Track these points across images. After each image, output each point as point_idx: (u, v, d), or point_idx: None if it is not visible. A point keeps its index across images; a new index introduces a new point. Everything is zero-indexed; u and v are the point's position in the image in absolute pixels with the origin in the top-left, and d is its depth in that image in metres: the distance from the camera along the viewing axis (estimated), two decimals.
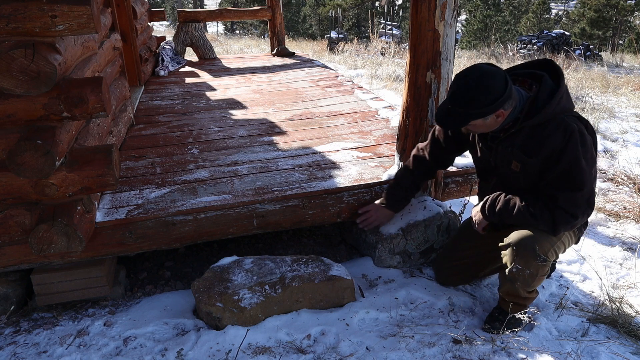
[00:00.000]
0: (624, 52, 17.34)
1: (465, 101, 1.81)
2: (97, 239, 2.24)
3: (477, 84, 1.79)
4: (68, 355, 1.96)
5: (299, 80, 5.18)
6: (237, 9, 7.12)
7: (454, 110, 1.85)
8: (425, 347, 1.95)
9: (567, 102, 1.88)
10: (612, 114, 5.30)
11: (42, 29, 1.77)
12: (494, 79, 1.79)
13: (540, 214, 1.88)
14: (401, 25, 21.07)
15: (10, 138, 1.89)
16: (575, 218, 1.86)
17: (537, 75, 1.93)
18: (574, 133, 1.81)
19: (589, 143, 1.86)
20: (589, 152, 1.85)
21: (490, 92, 1.78)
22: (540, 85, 1.88)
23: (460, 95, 1.82)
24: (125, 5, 4.70)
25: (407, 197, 2.47)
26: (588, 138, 1.85)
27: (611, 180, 3.64)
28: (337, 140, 3.26)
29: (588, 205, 1.86)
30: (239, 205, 2.40)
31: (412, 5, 2.32)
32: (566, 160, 1.81)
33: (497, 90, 1.78)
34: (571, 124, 1.83)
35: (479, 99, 1.79)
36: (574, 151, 1.80)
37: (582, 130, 1.84)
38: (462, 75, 1.83)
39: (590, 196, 1.86)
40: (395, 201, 2.47)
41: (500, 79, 1.80)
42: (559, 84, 1.87)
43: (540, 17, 29.47)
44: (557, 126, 1.83)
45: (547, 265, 1.92)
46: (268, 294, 2.10)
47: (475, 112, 1.81)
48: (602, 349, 1.94)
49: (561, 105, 1.85)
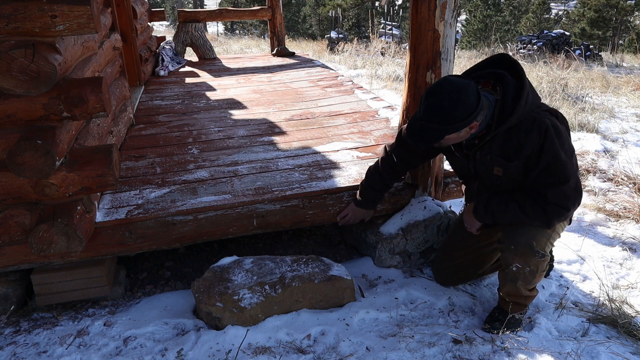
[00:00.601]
0: (624, 52, 17.35)
1: (440, 117, 1.79)
2: (97, 239, 2.24)
3: (451, 100, 1.76)
4: (68, 355, 1.96)
5: (299, 80, 5.18)
6: (237, 9, 7.12)
7: (428, 126, 1.82)
8: (425, 347, 1.95)
9: (534, 98, 1.88)
10: (612, 114, 5.30)
11: (42, 29, 1.77)
12: (467, 92, 1.77)
13: (532, 211, 1.89)
14: (401, 25, 21.07)
15: (10, 138, 1.89)
16: (568, 210, 1.87)
17: (497, 74, 1.91)
18: (548, 129, 1.81)
19: (564, 134, 1.86)
20: (566, 143, 1.85)
21: (465, 107, 1.76)
22: (504, 86, 1.86)
23: (434, 112, 1.79)
24: (125, 5, 4.69)
25: (379, 197, 2.46)
26: (562, 129, 1.85)
27: (611, 180, 3.63)
28: (337, 140, 3.26)
29: (577, 193, 1.87)
30: (239, 205, 2.40)
31: (412, 5, 2.32)
32: (546, 157, 1.82)
33: (471, 104, 1.77)
34: (544, 120, 1.82)
35: (453, 114, 1.77)
36: (551, 147, 1.81)
37: (555, 123, 1.84)
38: (434, 90, 1.81)
39: (577, 185, 1.87)
40: (368, 201, 2.46)
41: (473, 92, 1.78)
42: (522, 80, 1.86)
43: (540, 17, 29.47)
44: (530, 125, 1.83)
45: (546, 260, 1.94)
46: (268, 294, 2.10)
47: (449, 127, 1.80)
48: (602, 349, 1.94)
49: (529, 103, 1.84)
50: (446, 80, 1.82)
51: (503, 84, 1.87)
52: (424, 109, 1.83)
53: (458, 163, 2.16)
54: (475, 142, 1.98)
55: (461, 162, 2.12)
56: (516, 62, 1.91)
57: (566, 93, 6.11)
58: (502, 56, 1.96)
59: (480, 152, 1.97)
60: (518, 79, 1.87)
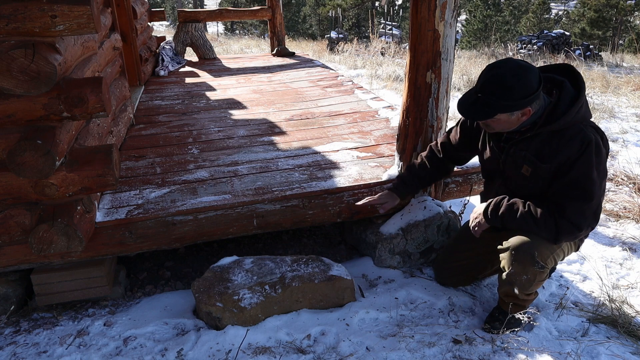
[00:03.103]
0: (624, 52, 17.34)
1: (499, 90, 1.75)
2: (97, 239, 2.24)
3: (514, 74, 1.73)
4: (68, 355, 1.96)
5: (299, 80, 5.18)
6: (237, 9, 7.12)
7: (483, 99, 1.78)
8: (425, 347, 1.95)
9: (586, 112, 1.85)
10: (612, 114, 5.30)
11: (42, 29, 1.77)
12: (530, 73, 1.75)
13: (543, 221, 1.85)
14: (401, 25, 21.07)
15: (10, 138, 1.89)
16: (580, 230, 1.83)
17: (557, 80, 1.89)
18: (590, 143, 1.78)
19: (603, 155, 1.83)
20: (602, 164, 1.83)
21: (526, 85, 1.74)
22: (562, 91, 1.84)
23: (494, 84, 1.76)
24: (125, 5, 4.70)
25: (416, 185, 2.41)
26: (603, 150, 1.83)
27: (611, 180, 3.64)
28: (337, 140, 3.26)
29: (594, 217, 1.84)
30: (239, 205, 2.40)
31: (412, 5, 2.32)
32: (579, 169, 1.79)
33: (532, 85, 1.75)
34: (589, 134, 1.80)
35: (514, 89, 1.73)
36: (588, 161, 1.78)
37: (598, 141, 1.81)
38: (495, 65, 1.78)
39: (597, 209, 1.84)
40: (405, 185, 2.40)
41: (536, 75, 1.76)
42: (579, 92, 1.84)
43: (540, 17, 29.46)
44: (574, 135, 1.80)
45: (545, 272, 1.91)
46: (268, 294, 2.10)
47: (507, 103, 1.75)
48: (602, 349, 1.94)
49: (580, 114, 1.82)
50: (510, 59, 1.79)
51: (561, 89, 1.85)
52: (484, 81, 1.78)
53: (490, 156, 2.10)
54: (516, 137, 1.95)
55: (493, 155, 2.07)
56: (579, 74, 1.90)
57: None
58: (566, 66, 1.94)
59: (516, 147, 1.95)
60: (576, 90, 1.86)
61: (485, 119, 1.85)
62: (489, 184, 2.21)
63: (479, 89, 1.81)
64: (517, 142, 1.94)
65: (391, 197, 2.42)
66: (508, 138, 1.99)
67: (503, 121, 1.85)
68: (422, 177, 2.39)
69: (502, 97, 1.75)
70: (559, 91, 1.86)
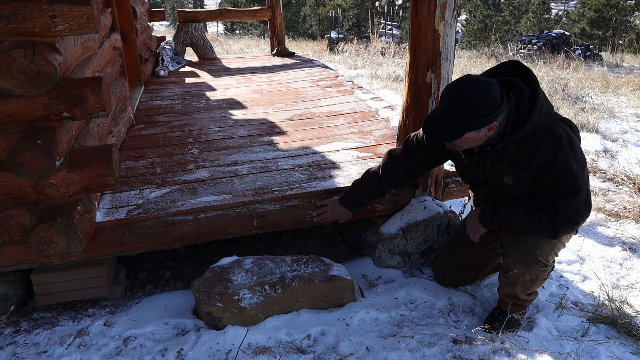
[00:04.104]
0: (624, 52, 17.34)
1: (464, 110, 1.72)
2: (97, 239, 2.24)
3: (476, 93, 1.71)
4: (68, 355, 1.96)
5: (299, 80, 5.18)
6: (237, 9, 7.12)
7: (450, 120, 1.75)
8: (425, 347, 1.95)
9: (548, 106, 1.84)
10: (612, 114, 5.30)
11: (42, 29, 1.77)
12: (492, 88, 1.73)
13: (539, 221, 1.86)
14: (401, 25, 21.07)
15: (10, 138, 1.89)
16: (576, 223, 1.84)
17: (510, 82, 1.86)
18: (562, 139, 1.78)
19: (577, 145, 1.83)
20: (579, 154, 1.83)
21: (489, 102, 1.72)
22: (518, 94, 1.82)
23: (458, 105, 1.73)
24: (125, 5, 4.69)
25: (366, 202, 2.41)
26: (575, 139, 1.83)
27: (611, 180, 3.63)
28: (337, 140, 3.26)
29: (586, 207, 1.85)
30: (239, 205, 2.40)
31: (412, 5, 2.32)
32: (558, 167, 1.79)
33: (496, 100, 1.73)
34: (557, 129, 1.79)
35: (478, 108, 1.71)
36: (564, 157, 1.78)
37: (568, 133, 1.81)
38: (456, 85, 1.76)
39: (587, 198, 1.85)
40: (354, 202, 2.39)
41: (497, 89, 1.75)
42: (535, 88, 1.82)
43: (540, 17, 29.46)
44: (544, 135, 1.80)
45: (547, 270, 1.91)
46: (268, 294, 2.10)
47: (473, 122, 1.73)
48: (602, 349, 1.94)
49: (543, 111, 1.81)
50: (469, 76, 1.77)
51: (517, 91, 1.83)
52: (447, 103, 1.76)
53: (467, 170, 2.10)
54: (488, 149, 1.94)
55: (470, 169, 2.07)
56: (528, 69, 1.87)
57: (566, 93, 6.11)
58: (513, 63, 1.91)
59: (491, 159, 1.93)
60: (531, 87, 1.84)
61: (454, 140, 1.82)
62: (475, 191, 2.20)
63: (442, 110, 1.78)
64: (491, 154, 1.93)
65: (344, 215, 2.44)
66: (480, 152, 1.98)
67: (470, 139, 1.83)
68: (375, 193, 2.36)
69: (468, 117, 1.73)
70: (516, 94, 1.83)
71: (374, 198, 2.40)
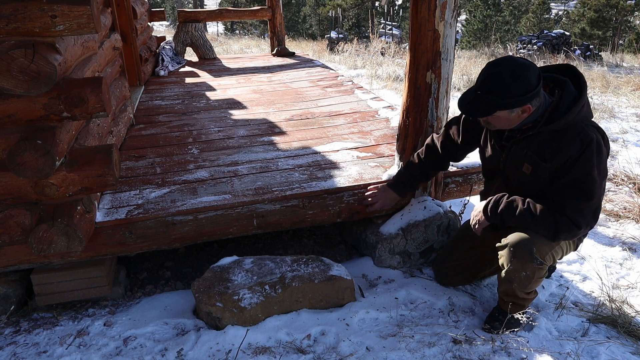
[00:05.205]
0: (624, 52, 17.34)
1: (497, 88, 1.77)
2: (97, 239, 2.24)
3: (512, 72, 1.76)
4: (68, 355, 1.96)
5: (299, 80, 5.18)
6: (237, 9, 7.12)
7: (482, 97, 1.81)
8: (425, 347, 1.95)
9: (587, 112, 1.86)
10: (612, 114, 5.31)
11: (42, 29, 1.77)
12: (529, 71, 1.77)
13: (542, 218, 1.86)
14: (401, 25, 21.06)
15: (10, 138, 1.89)
16: (579, 228, 1.84)
17: (559, 80, 1.90)
18: (592, 142, 1.79)
19: (604, 155, 1.84)
20: (603, 163, 1.84)
21: (524, 83, 1.76)
22: (563, 91, 1.86)
23: (493, 82, 1.78)
24: (125, 5, 4.69)
25: (413, 183, 2.46)
26: (604, 150, 1.84)
27: (611, 180, 3.64)
28: (337, 140, 3.26)
29: (593, 217, 1.85)
30: (239, 205, 2.40)
31: (412, 5, 2.32)
32: (579, 168, 1.80)
33: (530, 82, 1.76)
34: (590, 133, 1.81)
35: (511, 87, 1.75)
36: (588, 160, 1.79)
37: (599, 140, 1.82)
38: (494, 63, 1.81)
39: (596, 208, 1.85)
40: (402, 184, 2.45)
41: (534, 73, 1.78)
42: (581, 92, 1.86)
43: (540, 17, 29.45)
44: (576, 134, 1.82)
45: (543, 269, 1.91)
46: (268, 294, 2.10)
47: (505, 101, 1.78)
48: (602, 349, 1.94)
49: (582, 113, 1.83)
50: (509, 57, 1.82)
51: (563, 89, 1.86)
52: (483, 79, 1.82)
53: (491, 154, 2.12)
54: (517, 135, 1.96)
55: (494, 154, 2.09)
56: (582, 75, 1.91)
57: None
58: (569, 66, 1.96)
59: (517, 145, 1.96)
60: (578, 90, 1.87)
61: (485, 116, 1.87)
62: (489, 182, 2.22)
63: (478, 86, 1.83)
64: (519, 140, 1.95)
65: (391, 199, 2.48)
66: (510, 136, 2.00)
67: (503, 118, 1.86)
68: (419, 175, 2.42)
69: (501, 95, 1.78)
70: (561, 91, 1.87)
71: (420, 181, 2.46)
